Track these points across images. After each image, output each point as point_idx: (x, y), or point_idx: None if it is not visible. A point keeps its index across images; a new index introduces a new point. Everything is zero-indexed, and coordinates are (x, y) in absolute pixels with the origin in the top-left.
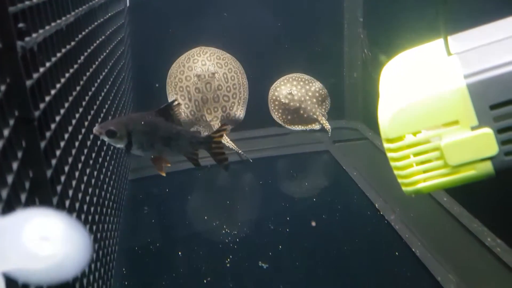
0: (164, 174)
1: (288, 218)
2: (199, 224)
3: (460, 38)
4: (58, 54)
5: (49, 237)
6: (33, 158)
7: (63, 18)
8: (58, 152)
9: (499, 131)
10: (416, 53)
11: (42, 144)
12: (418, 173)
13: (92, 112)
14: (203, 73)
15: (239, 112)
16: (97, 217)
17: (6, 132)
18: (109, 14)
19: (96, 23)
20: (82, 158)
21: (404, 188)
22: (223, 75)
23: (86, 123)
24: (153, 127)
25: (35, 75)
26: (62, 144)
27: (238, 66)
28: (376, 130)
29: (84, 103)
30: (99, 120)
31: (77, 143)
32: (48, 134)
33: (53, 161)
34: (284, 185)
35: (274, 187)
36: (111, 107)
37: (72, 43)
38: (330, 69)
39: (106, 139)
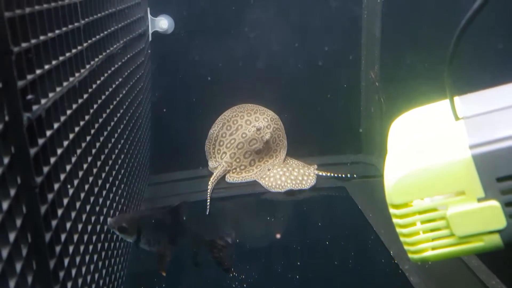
0: (164, 274)
1: (298, 263)
2: (205, 264)
3: (469, 100)
4: (69, 112)
5: None
6: (33, 222)
7: (77, 75)
8: (60, 211)
9: (507, 204)
10: (426, 112)
11: (43, 208)
12: (424, 241)
13: (102, 156)
14: (262, 131)
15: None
16: (100, 264)
17: (5, 205)
18: (128, 56)
19: (113, 69)
20: (88, 207)
21: (410, 256)
22: (267, 143)
23: (98, 163)
24: (161, 226)
25: (41, 141)
26: (65, 201)
27: (285, 146)
28: None
29: (94, 151)
30: (111, 160)
31: (87, 186)
32: (50, 196)
33: (53, 222)
34: (296, 223)
35: (285, 225)
36: (126, 144)
37: (85, 96)
38: (347, 103)
39: (117, 233)
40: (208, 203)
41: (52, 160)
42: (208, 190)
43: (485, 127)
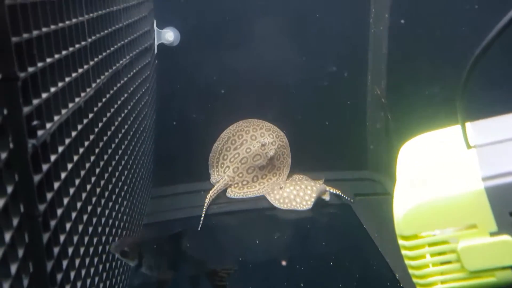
0: None
1: (302, 285)
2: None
3: (482, 126)
4: (73, 133)
5: None
6: (35, 251)
7: (83, 95)
8: (62, 238)
9: None
10: (436, 137)
11: (45, 236)
12: (434, 275)
13: (106, 175)
14: (267, 147)
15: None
16: (101, 285)
17: (8, 236)
18: (134, 71)
19: (118, 85)
20: (90, 229)
21: None
22: (271, 159)
23: (102, 182)
24: (163, 252)
25: (45, 167)
26: (68, 226)
27: (289, 164)
28: None
29: (98, 170)
30: (115, 177)
31: (90, 208)
32: (53, 223)
33: (55, 250)
34: (299, 242)
35: (289, 243)
36: (129, 159)
37: (90, 115)
38: (353, 119)
39: (119, 256)
40: (201, 218)
41: (56, 185)
42: (205, 204)
43: (499, 158)
